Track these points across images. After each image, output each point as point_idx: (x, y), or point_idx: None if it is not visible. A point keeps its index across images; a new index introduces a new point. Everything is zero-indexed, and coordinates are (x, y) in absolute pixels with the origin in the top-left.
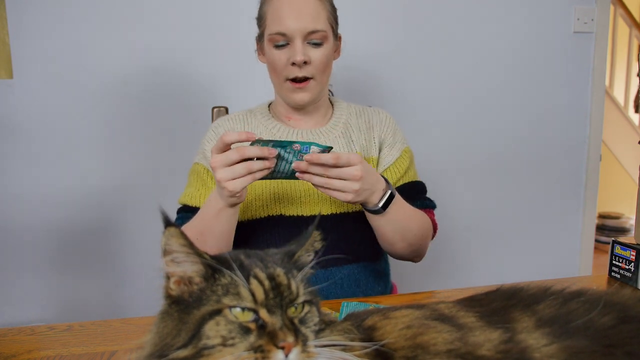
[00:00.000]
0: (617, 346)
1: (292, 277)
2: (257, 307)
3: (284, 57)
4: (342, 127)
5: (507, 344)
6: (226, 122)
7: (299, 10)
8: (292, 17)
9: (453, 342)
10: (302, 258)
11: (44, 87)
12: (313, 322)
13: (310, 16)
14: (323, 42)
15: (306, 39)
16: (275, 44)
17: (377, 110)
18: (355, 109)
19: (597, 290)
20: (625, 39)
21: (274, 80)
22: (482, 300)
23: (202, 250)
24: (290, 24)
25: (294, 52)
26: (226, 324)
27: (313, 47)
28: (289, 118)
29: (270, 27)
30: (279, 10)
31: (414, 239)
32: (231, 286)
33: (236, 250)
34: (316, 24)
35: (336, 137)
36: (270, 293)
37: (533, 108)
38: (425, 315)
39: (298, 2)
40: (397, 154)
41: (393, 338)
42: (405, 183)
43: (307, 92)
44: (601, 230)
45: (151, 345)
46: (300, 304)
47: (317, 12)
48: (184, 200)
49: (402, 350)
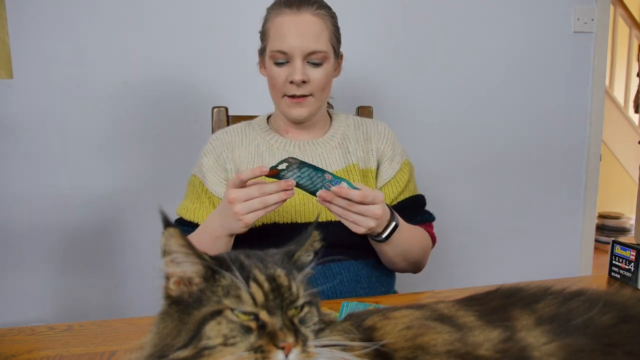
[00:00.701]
0: (617, 345)
1: (293, 279)
2: (257, 309)
3: (283, 75)
4: (340, 139)
5: (506, 343)
6: (224, 135)
7: (300, 30)
8: (293, 36)
9: (453, 342)
10: (302, 258)
11: (44, 87)
12: (313, 322)
13: (312, 36)
14: (323, 62)
15: (306, 59)
16: (275, 60)
17: (376, 122)
18: (353, 121)
19: (597, 290)
20: (625, 39)
21: (273, 95)
22: (482, 300)
23: (201, 251)
24: (292, 43)
25: (293, 71)
26: (228, 323)
27: (313, 67)
28: (287, 131)
29: (271, 44)
30: (281, 29)
31: (415, 258)
32: (232, 288)
33: (236, 250)
34: (317, 44)
35: (333, 148)
36: (270, 295)
37: (533, 108)
38: (425, 315)
39: (300, 22)
40: (397, 167)
41: (393, 338)
42: (406, 198)
43: (304, 108)
44: (601, 230)
45: (151, 345)
46: (300, 305)
47: (318, 32)
48: (179, 213)
49: (402, 350)
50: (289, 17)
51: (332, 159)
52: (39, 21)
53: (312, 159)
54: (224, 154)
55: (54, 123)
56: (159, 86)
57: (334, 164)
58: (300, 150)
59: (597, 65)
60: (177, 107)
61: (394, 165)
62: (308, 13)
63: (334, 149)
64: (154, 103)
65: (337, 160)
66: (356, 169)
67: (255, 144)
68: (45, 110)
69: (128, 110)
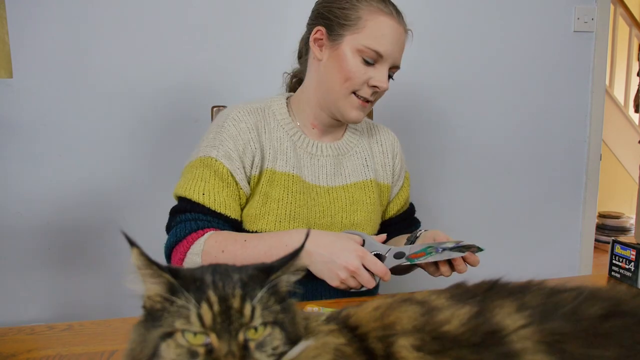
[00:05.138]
0: (607, 337)
1: (250, 299)
2: (207, 331)
3: (366, 74)
4: (356, 145)
5: (475, 319)
6: (247, 116)
7: (398, 39)
8: (393, 43)
9: (417, 318)
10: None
11: (44, 86)
12: (272, 346)
13: (401, 50)
14: (391, 76)
15: (389, 70)
16: (364, 56)
17: (386, 129)
18: (366, 126)
19: (591, 286)
20: (625, 39)
21: (334, 87)
22: (461, 288)
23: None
24: (390, 48)
25: (381, 77)
26: (175, 348)
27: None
28: (314, 126)
29: (367, 39)
30: (383, 28)
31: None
32: (183, 309)
33: (212, 265)
34: (400, 59)
35: (354, 157)
36: (218, 317)
37: (533, 107)
38: (396, 300)
39: (400, 32)
40: (402, 182)
41: (363, 320)
42: (405, 210)
43: (363, 113)
44: (601, 229)
45: (125, 355)
46: (261, 326)
47: (403, 49)
48: (204, 201)
49: (374, 331)
50: (392, 22)
51: (350, 168)
52: (39, 21)
53: (335, 171)
54: (251, 143)
55: (54, 123)
56: (159, 86)
57: (354, 175)
58: (323, 155)
59: (597, 65)
60: (177, 106)
61: (400, 181)
62: (403, 26)
63: (355, 158)
64: (154, 103)
65: (355, 170)
66: (374, 183)
67: (277, 137)
68: (45, 110)
69: (128, 110)
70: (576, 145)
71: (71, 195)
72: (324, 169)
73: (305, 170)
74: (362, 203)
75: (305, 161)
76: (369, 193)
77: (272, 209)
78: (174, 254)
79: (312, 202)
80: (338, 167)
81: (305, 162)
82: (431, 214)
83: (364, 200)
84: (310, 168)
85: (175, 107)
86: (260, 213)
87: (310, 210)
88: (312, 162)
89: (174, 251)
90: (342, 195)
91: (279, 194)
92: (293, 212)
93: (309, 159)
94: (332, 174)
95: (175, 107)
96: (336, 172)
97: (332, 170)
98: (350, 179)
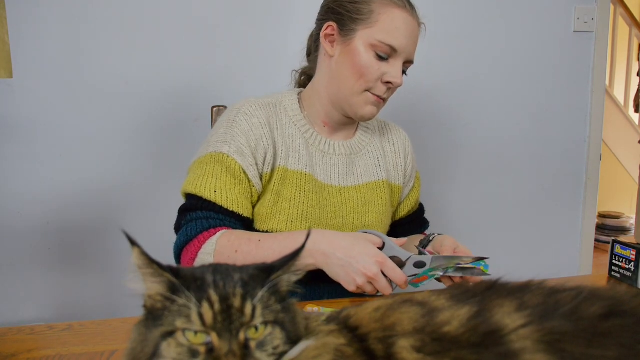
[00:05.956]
0: (607, 336)
1: (250, 298)
2: (208, 330)
3: (380, 70)
4: (368, 144)
5: (474, 320)
6: (259, 111)
7: (412, 33)
8: (407, 37)
9: (418, 320)
10: (287, 277)
11: (44, 87)
12: (272, 346)
13: (415, 44)
14: (405, 72)
15: (403, 65)
16: (377, 52)
17: (397, 128)
18: (377, 125)
19: (591, 286)
20: (625, 39)
21: (347, 84)
22: (462, 288)
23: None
24: (404, 43)
25: (395, 73)
26: (176, 347)
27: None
28: (326, 124)
29: (381, 33)
30: (397, 23)
31: None
32: (184, 308)
33: (212, 264)
34: (414, 54)
35: (366, 157)
36: (219, 316)
37: (533, 107)
38: (396, 301)
39: (414, 25)
40: (413, 182)
41: (364, 321)
42: (415, 211)
43: (377, 109)
44: (601, 229)
45: (126, 355)
46: (261, 325)
47: (417, 42)
48: (216, 199)
49: (374, 332)
50: (406, 15)
51: (362, 167)
52: (39, 21)
53: (347, 171)
54: (263, 139)
55: (54, 122)
56: (159, 86)
57: (366, 175)
58: (335, 153)
59: (597, 65)
60: (177, 106)
61: (411, 182)
62: (417, 19)
63: (364, 155)
64: (154, 102)
65: (366, 169)
66: (385, 184)
67: (290, 134)
68: (46, 110)
69: (128, 110)
70: (576, 145)
71: (71, 195)
72: (337, 167)
73: (318, 168)
74: (374, 204)
75: (318, 159)
76: (381, 194)
77: (283, 208)
78: (184, 254)
79: (325, 202)
80: (350, 166)
81: (318, 160)
82: (431, 214)
83: (376, 201)
84: (323, 167)
85: (175, 107)
86: (271, 212)
87: (322, 211)
88: (325, 160)
89: (185, 251)
90: (355, 196)
91: (291, 192)
92: (305, 212)
93: (322, 157)
94: (345, 173)
95: (175, 107)
96: (348, 171)
97: (345, 169)
98: (362, 179)
